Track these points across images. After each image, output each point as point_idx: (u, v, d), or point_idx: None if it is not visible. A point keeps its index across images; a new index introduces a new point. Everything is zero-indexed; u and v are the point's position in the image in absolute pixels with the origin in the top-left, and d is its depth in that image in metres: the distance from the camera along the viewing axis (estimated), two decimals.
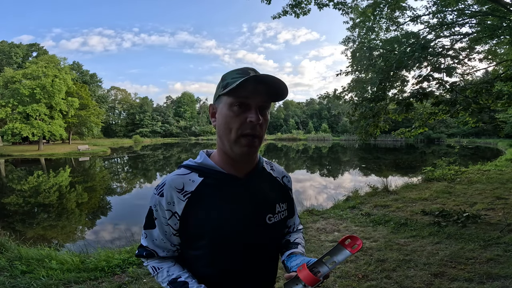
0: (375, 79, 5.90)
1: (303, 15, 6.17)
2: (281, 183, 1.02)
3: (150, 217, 0.88)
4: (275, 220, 0.93)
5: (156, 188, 0.87)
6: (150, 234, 0.89)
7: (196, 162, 0.90)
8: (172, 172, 0.90)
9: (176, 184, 0.85)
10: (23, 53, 44.59)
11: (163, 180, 0.88)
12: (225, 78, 0.83)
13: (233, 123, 0.80)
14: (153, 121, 68.63)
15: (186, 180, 0.86)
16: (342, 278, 3.08)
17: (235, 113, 0.80)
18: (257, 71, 0.84)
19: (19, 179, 15.44)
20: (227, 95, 0.81)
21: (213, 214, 0.84)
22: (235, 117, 0.80)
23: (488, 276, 2.94)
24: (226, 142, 0.84)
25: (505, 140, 29.65)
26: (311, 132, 68.40)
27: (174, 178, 0.87)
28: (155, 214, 0.87)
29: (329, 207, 6.50)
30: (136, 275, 3.24)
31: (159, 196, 0.85)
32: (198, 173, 0.88)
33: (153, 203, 0.87)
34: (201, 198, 0.85)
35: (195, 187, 0.85)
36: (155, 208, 0.86)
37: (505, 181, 7.99)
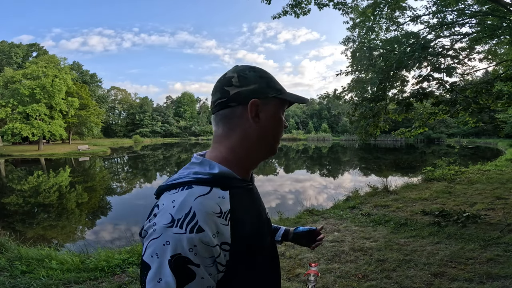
0: (375, 79, 5.90)
1: (303, 15, 6.17)
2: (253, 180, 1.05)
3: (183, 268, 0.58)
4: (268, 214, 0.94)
5: (177, 225, 0.59)
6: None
7: (210, 174, 0.69)
8: (187, 195, 0.63)
9: (213, 209, 0.63)
10: (23, 53, 44.60)
11: (183, 209, 0.60)
12: (275, 80, 0.79)
13: (280, 129, 0.79)
14: (153, 121, 68.63)
15: (217, 200, 0.66)
16: (342, 278, 3.08)
17: (282, 119, 0.79)
18: None
19: (19, 179, 15.44)
20: (280, 101, 0.78)
21: (249, 225, 0.72)
22: (281, 123, 0.79)
23: (488, 276, 2.94)
24: (267, 146, 0.77)
25: (505, 140, 29.66)
26: (311, 132, 68.40)
27: (203, 201, 0.64)
28: (194, 260, 0.59)
29: (329, 207, 6.50)
30: (136, 275, 3.24)
31: (195, 233, 0.59)
32: (220, 187, 0.69)
33: (183, 247, 0.58)
34: (237, 213, 0.69)
35: (229, 203, 0.68)
36: (192, 252, 0.58)
37: (505, 181, 7.99)
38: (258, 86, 0.74)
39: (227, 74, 0.75)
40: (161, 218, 0.60)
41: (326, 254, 3.71)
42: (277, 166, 21.07)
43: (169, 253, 0.57)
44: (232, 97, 0.71)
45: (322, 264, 3.44)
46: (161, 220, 0.60)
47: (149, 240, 0.60)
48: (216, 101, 0.73)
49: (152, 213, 0.65)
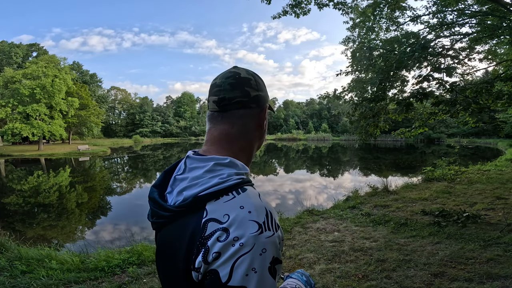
0: (375, 79, 5.91)
1: (303, 15, 6.17)
2: None
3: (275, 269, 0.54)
4: None
5: (264, 228, 0.54)
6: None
7: (246, 174, 0.67)
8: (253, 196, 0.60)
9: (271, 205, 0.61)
10: (23, 53, 44.60)
11: (261, 212, 0.56)
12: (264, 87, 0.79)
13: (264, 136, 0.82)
14: (153, 121, 68.64)
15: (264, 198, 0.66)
16: (342, 278, 3.08)
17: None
18: None
19: (19, 179, 15.44)
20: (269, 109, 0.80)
21: None
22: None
23: (488, 276, 2.94)
24: (257, 148, 0.80)
25: (505, 140, 29.67)
26: (311, 132, 68.40)
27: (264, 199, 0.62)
28: (280, 257, 0.56)
29: (329, 207, 6.51)
30: (136, 275, 3.24)
31: (279, 230, 0.57)
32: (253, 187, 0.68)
33: (276, 248, 0.54)
34: None
35: None
36: (280, 250, 0.56)
37: (505, 181, 7.99)
38: (265, 93, 0.75)
39: (241, 74, 0.71)
40: (243, 229, 0.52)
41: (326, 254, 3.71)
42: (277, 166, 21.08)
43: (269, 260, 0.52)
44: (252, 98, 0.70)
45: (322, 264, 3.44)
46: (246, 231, 0.52)
47: (236, 258, 0.51)
48: (235, 98, 0.69)
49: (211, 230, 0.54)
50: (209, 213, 0.55)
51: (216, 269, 0.51)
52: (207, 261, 0.52)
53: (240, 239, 0.51)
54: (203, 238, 0.53)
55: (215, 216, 0.55)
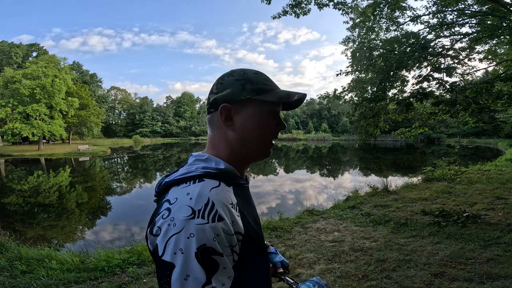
0: (375, 79, 5.91)
1: (303, 15, 6.17)
2: None
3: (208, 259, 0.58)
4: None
5: (198, 215, 0.59)
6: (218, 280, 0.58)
7: (218, 169, 0.72)
8: (202, 187, 0.65)
9: (226, 199, 0.65)
10: (23, 53, 44.60)
11: (202, 200, 0.61)
12: (253, 80, 0.76)
13: (268, 131, 0.78)
14: (153, 121, 68.64)
15: (226, 192, 0.68)
16: (342, 278, 3.09)
17: (270, 121, 0.78)
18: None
19: (19, 179, 15.45)
20: (260, 102, 0.75)
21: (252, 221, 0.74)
22: (269, 125, 0.78)
23: (488, 276, 2.94)
24: (254, 148, 0.77)
25: (505, 140, 29.66)
26: (311, 132, 68.40)
27: (218, 192, 0.66)
28: (218, 249, 0.59)
29: (329, 207, 6.50)
30: (136, 275, 3.24)
31: (216, 222, 0.60)
32: (225, 182, 0.71)
33: (208, 237, 0.58)
34: (241, 207, 0.72)
35: (235, 197, 0.71)
36: (216, 240, 0.59)
37: (505, 181, 7.99)
38: (232, 90, 0.75)
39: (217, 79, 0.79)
40: (179, 212, 0.59)
41: (326, 254, 3.71)
42: (277, 166, 21.08)
43: (195, 246, 0.56)
44: (211, 103, 0.76)
45: (322, 264, 3.45)
46: (180, 214, 0.59)
47: (168, 236, 0.57)
48: (207, 106, 0.80)
49: (162, 208, 0.61)
50: (168, 195, 0.65)
51: (157, 243, 0.59)
52: (153, 233, 0.61)
53: (173, 220, 0.58)
54: (156, 214, 0.63)
55: (169, 197, 0.64)
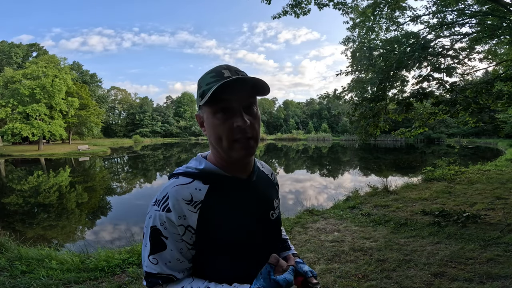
0: (375, 79, 5.91)
1: (303, 15, 6.17)
2: (272, 180, 1.05)
3: (156, 238, 0.77)
4: (276, 215, 0.95)
5: (157, 204, 0.78)
6: (161, 257, 0.78)
7: (197, 169, 0.83)
8: (170, 183, 0.81)
9: (183, 196, 0.77)
10: (23, 53, 44.59)
11: (163, 193, 0.78)
12: (200, 85, 0.80)
13: (222, 131, 0.77)
14: (153, 121, 68.64)
15: (192, 190, 0.79)
16: (342, 278, 3.08)
17: (221, 120, 0.76)
18: (231, 66, 0.80)
19: (19, 179, 15.44)
20: (206, 104, 0.76)
21: (227, 221, 0.79)
22: (222, 124, 0.76)
23: (488, 276, 2.94)
24: (220, 150, 0.81)
25: (505, 140, 29.66)
26: (311, 132, 68.41)
27: (178, 189, 0.78)
28: (164, 233, 0.77)
29: (329, 207, 6.50)
30: (136, 275, 3.24)
31: (165, 212, 0.76)
32: (202, 180, 0.81)
33: (157, 221, 0.76)
34: (212, 206, 0.79)
35: (203, 195, 0.79)
36: (163, 226, 0.76)
37: (505, 181, 7.99)
38: (196, 99, 0.85)
39: None
40: (153, 199, 0.81)
41: (326, 254, 3.71)
42: (277, 166, 21.07)
43: (150, 224, 0.78)
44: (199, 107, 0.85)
45: (322, 264, 3.44)
46: (152, 200, 0.81)
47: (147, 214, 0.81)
48: None
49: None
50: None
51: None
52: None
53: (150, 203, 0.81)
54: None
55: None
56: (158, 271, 0.78)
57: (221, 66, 0.80)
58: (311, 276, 0.87)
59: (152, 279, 0.79)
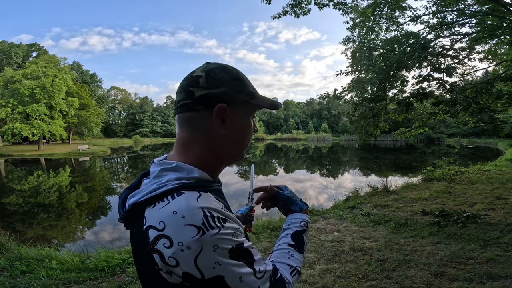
0: (375, 79, 5.91)
1: (303, 15, 6.17)
2: None
3: (241, 252, 0.58)
4: None
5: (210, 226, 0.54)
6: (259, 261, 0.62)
7: (193, 178, 0.64)
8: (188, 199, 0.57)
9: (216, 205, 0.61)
10: (23, 53, 44.58)
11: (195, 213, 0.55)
12: (248, 84, 0.73)
13: (249, 134, 0.76)
14: (153, 121, 68.63)
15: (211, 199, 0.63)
16: (342, 278, 3.08)
17: (251, 125, 0.75)
18: None
19: (19, 179, 15.44)
20: (251, 106, 0.73)
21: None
22: (250, 129, 0.75)
23: (488, 276, 2.94)
24: (237, 151, 0.73)
25: (505, 140, 29.65)
26: (311, 132, 68.41)
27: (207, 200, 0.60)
28: (241, 239, 0.59)
29: (329, 207, 6.50)
30: (136, 275, 3.24)
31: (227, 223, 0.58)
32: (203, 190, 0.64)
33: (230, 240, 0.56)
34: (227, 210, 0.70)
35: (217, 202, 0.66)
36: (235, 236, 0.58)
37: (505, 181, 7.99)
38: (229, 89, 0.67)
39: (194, 72, 0.68)
40: (183, 235, 0.53)
41: (326, 254, 3.71)
42: (277, 166, 21.08)
43: (225, 253, 0.55)
44: (197, 99, 0.65)
45: (322, 264, 3.45)
46: (186, 236, 0.53)
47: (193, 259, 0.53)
48: (180, 101, 0.67)
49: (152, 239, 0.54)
50: (147, 220, 0.56)
51: (186, 271, 0.53)
52: (169, 264, 0.53)
53: (184, 244, 0.52)
54: (149, 245, 0.55)
55: (152, 223, 0.55)
56: (271, 272, 0.63)
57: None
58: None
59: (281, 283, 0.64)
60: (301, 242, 0.82)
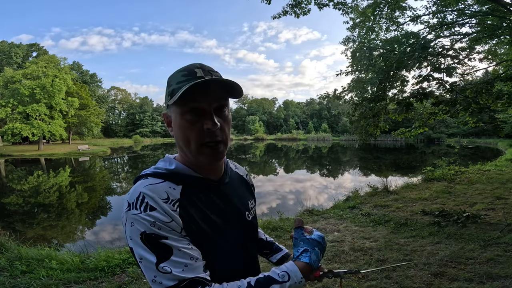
0: (375, 79, 5.91)
1: (303, 15, 6.17)
2: (247, 181, 1.01)
3: (154, 242, 0.66)
4: (251, 216, 0.92)
5: (133, 207, 0.68)
6: (173, 264, 0.66)
7: (167, 169, 0.77)
8: (139, 183, 0.73)
9: (159, 194, 0.70)
10: (23, 53, 44.57)
11: (135, 195, 0.69)
12: (170, 83, 0.75)
13: (190, 134, 0.73)
14: (153, 121, 68.64)
15: (167, 188, 0.73)
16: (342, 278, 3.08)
17: (190, 122, 0.72)
18: (204, 65, 0.77)
19: (19, 179, 15.44)
20: (175, 104, 0.72)
21: (202, 223, 0.75)
22: (191, 127, 0.72)
23: (488, 276, 2.94)
24: (188, 153, 0.77)
25: (505, 140, 29.65)
26: (311, 132, 68.40)
27: (151, 188, 0.71)
28: (160, 234, 0.67)
29: (329, 207, 6.50)
30: (136, 275, 3.24)
31: (148, 211, 0.67)
32: (174, 181, 0.75)
33: (145, 225, 0.66)
34: (188, 206, 0.74)
35: (179, 194, 0.74)
36: (155, 226, 0.67)
37: (505, 181, 7.99)
38: (165, 97, 0.79)
39: None
40: (123, 206, 0.70)
41: (326, 254, 3.71)
42: (277, 166, 21.09)
43: (138, 232, 0.67)
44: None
45: (322, 264, 3.44)
46: (123, 208, 0.70)
47: (124, 227, 0.70)
48: None
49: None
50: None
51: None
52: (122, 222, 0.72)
53: (122, 213, 0.71)
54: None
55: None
56: (179, 279, 0.65)
57: (194, 65, 0.75)
58: (319, 265, 0.90)
59: None
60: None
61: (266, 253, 1.08)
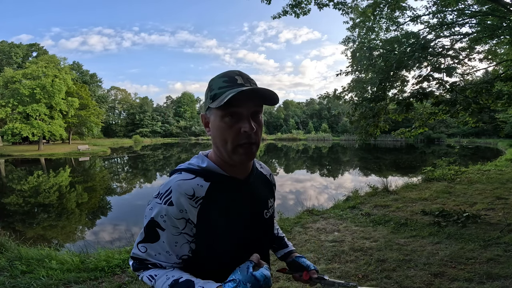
0: (375, 79, 5.90)
1: (303, 15, 6.17)
2: (270, 180, 1.09)
3: (152, 229, 0.81)
4: (269, 214, 1.01)
5: (159, 197, 0.82)
6: (151, 247, 0.83)
7: (199, 166, 0.88)
8: (173, 177, 0.85)
9: (186, 190, 0.81)
10: (23, 53, 44.56)
11: (166, 187, 0.82)
12: (212, 87, 0.83)
13: (228, 135, 0.81)
14: (153, 121, 68.64)
15: (195, 185, 0.83)
16: (342, 278, 3.08)
17: (228, 124, 0.80)
18: (243, 73, 0.84)
19: (19, 179, 15.44)
20: (216, 107, 0.79)
21: (224, 218, 0.84)
22: (229, 129, 0.80)
23: (488, 276, 2.94)
24: (224, 152, 0.85)
25: (505, 140, 29.66)
26: (311, 132, 68.38)
27: (181, 183, 0.82)
28: (162, 225, 0.81)
29: (329, 207, 6.50)
30: (136, 275, 3.23)
31: (167, 205, 0.80)
32: (204, 178, 0.85)
33: (157, 213, 0.80)
34: (212, 202, 0.84)
35: (205, 192, 0.83)
36: (162, 218, 0.80)
37: (505, 181, 7.99)
38: (205, 100, 0.87)
39: None
40: (155, 193, 0.84)
41: (326, 254, 3.71)
42: (277, 166, 21.08)
43: (150, 215, 0.82)
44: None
45: (322, 264, 3.45)
46: (154, 193, 0.84)
47: (146, 206, 0.85)
48: None
49: None
50: None
51: None
52: None
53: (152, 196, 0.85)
54: None
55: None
56: (145, 257, 0.84)
57: (234, 72, 0.83)
58: (313, 269, 1.04)
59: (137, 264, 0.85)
60: None
61: (274, 247, 1.18)
